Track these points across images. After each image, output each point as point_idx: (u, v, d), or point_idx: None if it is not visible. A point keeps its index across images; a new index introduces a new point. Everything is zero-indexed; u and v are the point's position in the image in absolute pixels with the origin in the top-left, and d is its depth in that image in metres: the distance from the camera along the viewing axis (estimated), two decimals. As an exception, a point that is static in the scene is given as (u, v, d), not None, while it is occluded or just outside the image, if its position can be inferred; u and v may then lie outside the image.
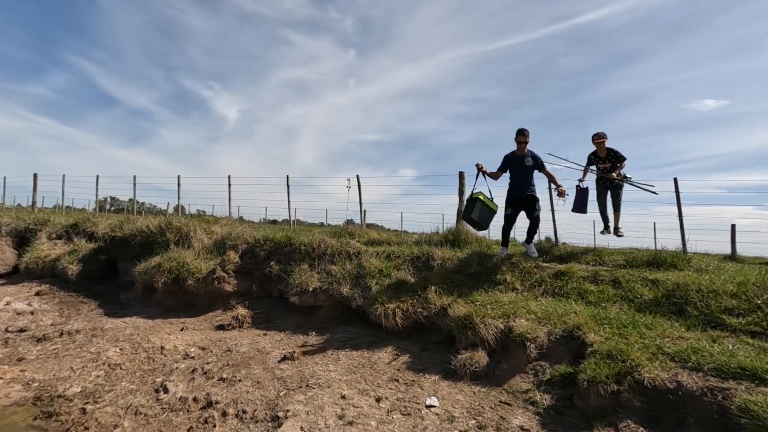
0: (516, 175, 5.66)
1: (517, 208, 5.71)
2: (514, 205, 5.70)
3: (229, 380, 4.57)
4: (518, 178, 5.63)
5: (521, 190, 5.63)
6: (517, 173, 5.65)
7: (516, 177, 5.66)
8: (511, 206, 5.70)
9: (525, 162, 5.59)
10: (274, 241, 7.30)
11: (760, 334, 3.76)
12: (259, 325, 6.24)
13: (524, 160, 5.60)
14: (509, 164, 5.68)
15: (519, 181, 5.63)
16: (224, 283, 6.92)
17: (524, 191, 5.62)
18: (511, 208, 5.70)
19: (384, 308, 5.34)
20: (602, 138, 6.21)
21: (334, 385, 4.22)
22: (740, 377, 3.05)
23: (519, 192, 5.64)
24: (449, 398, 3.89)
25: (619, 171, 6.25)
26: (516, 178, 5.66)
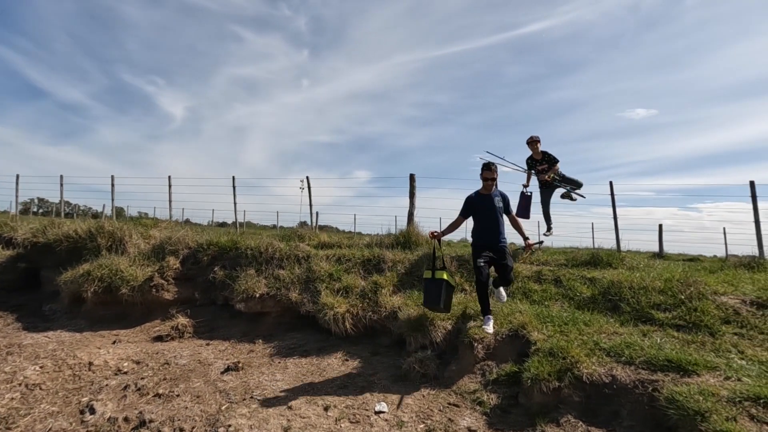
0: (484, 221, 4.52)
1: (487, 259, 4.42)
2: (484, 254, 4.42)
3: (166, 396, 4.25)
4: (487, 225, 4.50)
5: (492, 239, 4.46)
6: (485, 219, 4.52)
7: (484, 223, 4.52)
8: (481, 257, 4.38)
9: (494, 203, 4.48)
10: (218, 246, 6.95)
11: (684, 328, 4.05)
12: (202, 335, 5.90)
13: (493, 201, 4.49)
14: (474, 208, 4.57)
15: (488, 228, 4.49)
16: (163, 290, 6.48)
17: (496, 240, 4.45)
18: (483, 259, 4.36)
19: (334, 313, 5.22)
20: (536, 141, 6.62)
21: (280, 395, 4.04)
22: (667, 369, 3.25)
23: (490, 241, 4.46)
24: (399, 402, 3.85)
25: (551, 174, 6.62)
26: (484, 225, 4.52)
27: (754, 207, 7.05)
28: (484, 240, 4.49)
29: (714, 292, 4.50)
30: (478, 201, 4.54)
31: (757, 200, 7.01)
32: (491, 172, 4.48)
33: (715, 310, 4.18)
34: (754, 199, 7.03)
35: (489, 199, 4.50)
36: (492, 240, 4.46)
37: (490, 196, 4.51)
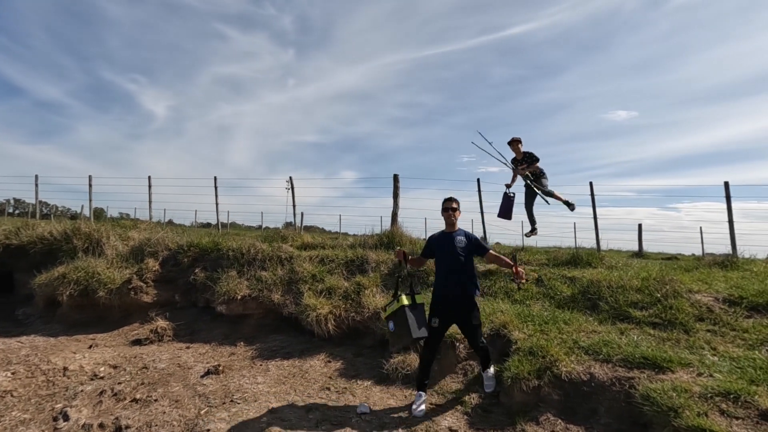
0: (443, 264, 3.74)
1: (447, 317, 3.68)
2: (442, 310, 3.66)
3: (144, 401, 4.16)
4: (447, 269, 3.70)
5: (452, 290, 3.65)
6: (445, 262, 3.73)
7: (443, 268, 3.74)
8: (438, 314, 3.65)
9: (455, 243, 3.70)
10: (199, 247, 6.84)
11: (660, 325, 4.14)
12: (182, 338, 5.80)
13: (454, 240, 3.71)
14: (433, 248, 3.86)
15: (448, 274, 3.69)
16: (142, 293, 6.35)
17: (456, 288, 3.64)
18: (439, 317, 3.64)
19: (316, 314, 5.19)
20: (518, 141, 6.65)
21: (261, 399, 4.00)
22: (643, 366, 3.31)
23: (449, 290, 3.66)
24: (381, 404, 3.85)
25: (528, 170, 6.62)
26: (443, 269, 3.74)
27: (728, 207, 7.26)
28: (442, 290, 3.69)
29: (689, 291, 4.61)
30: (438, 240, 3.81)
31: (731, 200, 7.22)
32: (450, 202, 3.82)
33: (689, 307, 4.29)
34: (728, 200, 7.23)
35: (449, 238, 3.73)
36: (453, 290, 3.63)
37: (451, 235, 3.75)
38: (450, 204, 3.83)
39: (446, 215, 3.82)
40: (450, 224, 3.82)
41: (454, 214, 3.81)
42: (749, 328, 3.86)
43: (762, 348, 3.51)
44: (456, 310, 3.66)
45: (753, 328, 3.86)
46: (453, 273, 3.67)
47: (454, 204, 3.84)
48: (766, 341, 3.61)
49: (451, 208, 3.80)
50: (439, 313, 3.66)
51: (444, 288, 3.70)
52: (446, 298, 3.67)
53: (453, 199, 3.86)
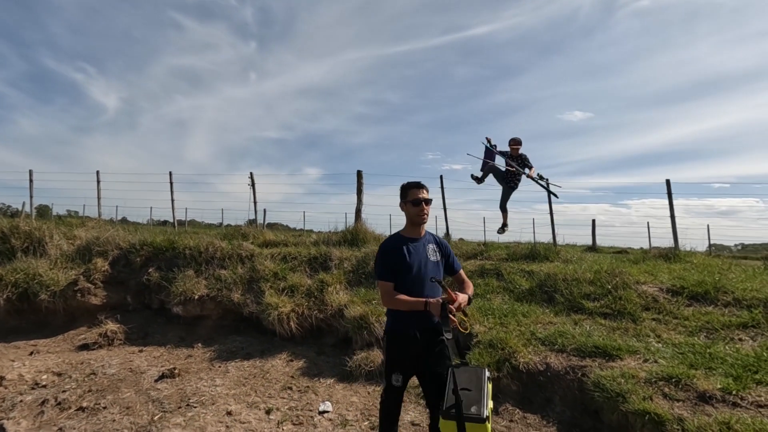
0: (416, 286, 2.38)
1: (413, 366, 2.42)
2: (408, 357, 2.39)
3: (91, 409, 3.91)
4: (421, 293, 2.36)
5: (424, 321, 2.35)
6: (417, 283, 2.39)
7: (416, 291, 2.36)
8: (401, 366, 2.40)
9: (428, 254, 2.47)
10: (153, 246, 6.51)
11: (610, 315, 4.35)
12: (134, 342, 5.51)
13: (426, 250, 2.48)
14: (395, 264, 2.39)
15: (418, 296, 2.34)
16: (90, 295, 5.97)
17: (429, 322, 2.36)
18: (402, 370, 2.40)
19: (278, 313, 5.08)
20: (518, 144, 6.70)
21: (219, 401, 3.87)
22: (595, 355, 3.47)
23: (418, 325, 2.36)
24: (344, 401, 3.82)
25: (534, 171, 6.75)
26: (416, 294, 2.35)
27: (669, 203, 7.73)
28: (406, 323, 2.36)
29: (636, 282, 4.87)
30: (402, 253, 2.38)
31: (673, 197, 7.70)
32: (420, 189, 2.44)
33: (636, 298, 4.53)
34: (669, 196, 7.71)
35: (418, 247, 2.44)
36: (424, 325, 2.35)
37: (420, 243, 2.47)
38: (421, 192, 2.43)
39: (416, 211, 2.41)
40: (418, 224, 2.47)
41: (426, 209, 2.43)
42: (690, 316, 4.13)
43: (701, 334, 3.77)
44: (427, 353, 2.35)
45: (693, 316, 4.13)
46: (427, 296, 2.32)
47: (425, 192, 2.45)
48: (704, 328, 3.87)
49: (424, 200, 2.41)
50: (403, 364, 2.38)
51: (407, 322, 2.35)
52: (410, 339, 2.34)
53: (424, 186, 2.47)
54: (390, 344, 2.48)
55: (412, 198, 2.44)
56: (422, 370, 2.43)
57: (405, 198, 2.48)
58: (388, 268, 2.41)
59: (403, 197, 2.49)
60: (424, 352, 2.39)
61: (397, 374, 2.43)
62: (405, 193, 2.49)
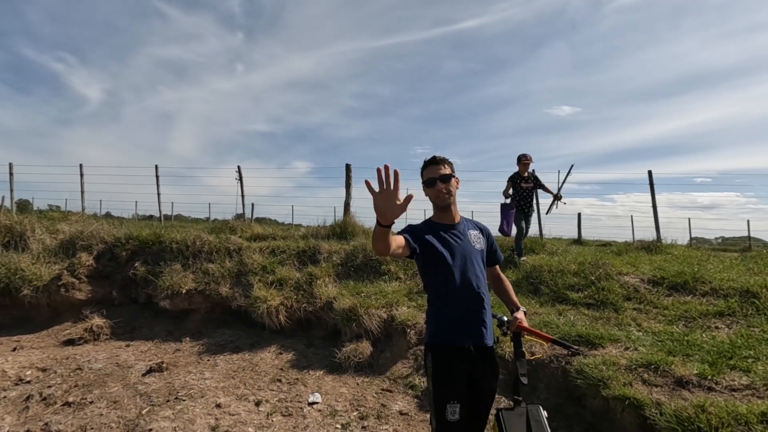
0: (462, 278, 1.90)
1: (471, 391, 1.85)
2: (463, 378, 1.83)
3: (77, 404, 3.88)
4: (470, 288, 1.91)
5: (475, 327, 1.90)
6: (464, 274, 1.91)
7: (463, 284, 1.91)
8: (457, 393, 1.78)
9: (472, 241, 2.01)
10: (139, 240, 6.43)
11: (593, 305, 4.46)
12: (121, 336, 5.46)
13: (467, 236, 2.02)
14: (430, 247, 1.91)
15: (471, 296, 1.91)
16: (74, 290, 5.88)
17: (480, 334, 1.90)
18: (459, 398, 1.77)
19: (267, 306, 5.08)
20: (529, 160, 6.10)
21: (208, 394, 3.87)
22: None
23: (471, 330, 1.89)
24: (333, 392, 3.86)
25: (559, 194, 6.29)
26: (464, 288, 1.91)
27: (651, 194, 7.92)
28: (456, 331, 1.87)
29: (619, 273, 4.99)
30: (441, 238, 1.94)
31: (655, 189, 7.87)
32: (439, 165, 1.96)
33: (619, 288, 4.65)
34: (651, 188, 7.88)
35: (458, 233, 1.98)
36: (475, 330, 1.88)
37: (459, 229, 2.00)
38: (435, 170, 1.95)
39: (433, 192, 1.95)
40: (445, 207, 1.98)
41: (444, 187, 1.93)
42: (669, 306, 4.26)
43: (679, 323, 3.89)
44: (481, 372, 1.86)
45: (672, 305, 4.26)
46: (478, 299, 1.88)
47: (442, 167, 1.95)
48: (682, 317, 4.00)
49: (440, 177, 1.92)
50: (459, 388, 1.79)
51: (466, 330, 1.86)
52: (467, 354, 1.84)
53: (440, 161, 1.97)
54: (437, 361, 1.81)
55: (425, 178, 1.98)
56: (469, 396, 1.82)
57: (422, 180, 2.01)
58: (408, 234, 1.85)
59: (422, 179, 2.02)
60: (476, 379, 1.82)
61: (453, 404, 1.74)
62: (421, 175, 2.02)
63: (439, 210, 2.01)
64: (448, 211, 1.99)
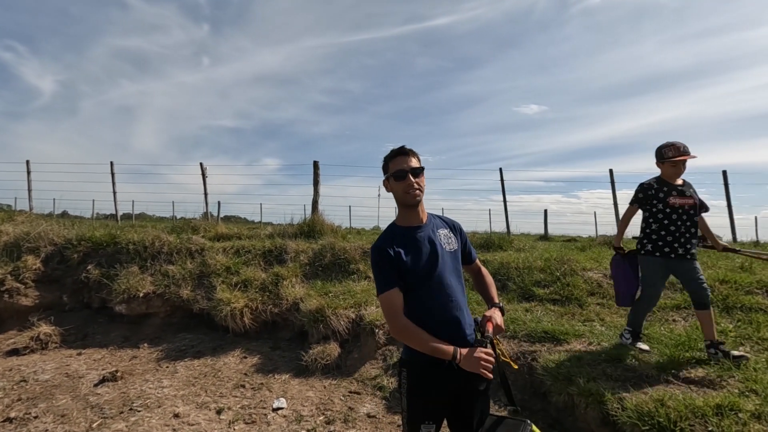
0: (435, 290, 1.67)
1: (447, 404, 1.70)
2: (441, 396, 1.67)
3: (20, 419, 3.59)
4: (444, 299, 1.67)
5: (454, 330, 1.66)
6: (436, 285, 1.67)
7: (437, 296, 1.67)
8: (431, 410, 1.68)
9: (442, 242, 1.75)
10: (92, 241, 6.06)
11: (559, 301, 4.53)
12: (72, 344, 5.12)
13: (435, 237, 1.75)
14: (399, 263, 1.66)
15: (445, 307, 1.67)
16: (19, 295, 5.48)
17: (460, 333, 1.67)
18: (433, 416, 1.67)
19: (231, 308, 4.89)
20: (687, 154, 3.08)
21: (166, 403, 3.68)
22: (544, 340, 3.60)
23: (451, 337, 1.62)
24: (299, 397, 3.74)
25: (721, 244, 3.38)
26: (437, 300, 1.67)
27: (612, 191, 8.19)
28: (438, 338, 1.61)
29: (583, 269, 5.10)
30: (408, 246, 1.70)
31: (616, 186, 8.14)
32: (406, 156, 1.73)
33: (583, 284, 4.75)
34: (612, 185, 8.16)
35: (427, 236, 1.74)
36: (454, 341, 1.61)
37: (427, 230, 1.77)
38: (405, 161, 1.72)
39: (401, 186, 1.71)
40: (412, 206, 1.75)
41: (416, 182, 1.70)
42: (630, 300, 4.37)
43: (639, 316, 4.00)
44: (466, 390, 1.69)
45: (633, 299, 4.38)
46: (455, 306, 1.69)
47: (412, 160, 1.73)
48: (642, 310, 4.11)
49: (411, 170, 1.70)
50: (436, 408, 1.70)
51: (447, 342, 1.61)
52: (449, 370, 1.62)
53: (409, 152, 1.75)
54: (413, 380, 1.70)
55: (393, 170, 1.72)
56: (454, 414, 1.73)
57: (387, 172, 1.77)
58: (388, 272, 1.66)
59: (385, 171, 1.79)
60: (463, 388, 1.69)
61: (428, 424, 1.68)
62: (386, 166, 1.78)
63: (406, 209, 1.78)
64: (415, 211, 1.77)
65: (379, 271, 1.69)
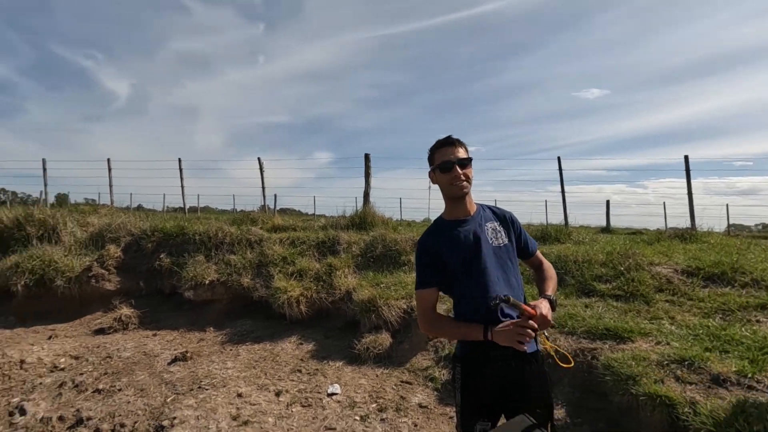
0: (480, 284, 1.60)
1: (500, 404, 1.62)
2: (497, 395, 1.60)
3: (107, 391, 4.02)
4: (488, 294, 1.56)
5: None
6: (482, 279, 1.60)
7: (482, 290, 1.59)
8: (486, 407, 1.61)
9: (488, 236, 1.68)
10: (163, 232, 6.58)
11: (622, 297, 4.26)
12: (148, 326, 5.62)
13: (484, 230, 1.68)
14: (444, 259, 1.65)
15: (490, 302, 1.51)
16: (104, 281, 6.08)
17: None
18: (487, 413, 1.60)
19: (287, 297, 5.10)
20: None
21: (230, 384, 3.93)
22: (605, 337, 3.41)
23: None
24: (352, 384, 3.84)
25: None
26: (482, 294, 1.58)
27: (687, 180, 7.51)
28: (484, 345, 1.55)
29: (650, 263, 4.76)
30: (451, 241, 1.66)
31: (691, 174, 7.46)
32: (452, 146, 1.66)
33: (650, 279, 4.43)
34: (687, 173, 7.48)
35: (471, 230, 1.67)
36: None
37: (473, 224, 1.69)
38: (451, 151, 1.65)
39: (448, 178, 1.64)
40: (459, 198, 1.68)
41: (463, 173, 1.63)
42: (705, 298, 4.03)
43: (716, 316, 3.67)
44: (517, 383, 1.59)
45: (708, 297, 4.03)
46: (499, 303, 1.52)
47: (459, 150, 1.66)
48: (720, 309, 3.77)
49: (458, 161, 1.63)
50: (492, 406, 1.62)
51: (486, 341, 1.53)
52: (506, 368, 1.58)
53: (455, 142, 1.68)
54: (467, 376, 1.63)
55: (439, 161, 1.65)
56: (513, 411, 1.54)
57: (433, 164, 1.71)
58: (428, 270, 1.66)
59: (431, 162, 1.72)
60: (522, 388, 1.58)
61: (484, 422, 1.58)
62: (431, 158, 1.72)
63: (452, 201, 1.71)
64: (462, 203, 1.70)
65: (417, 267, 1.73)
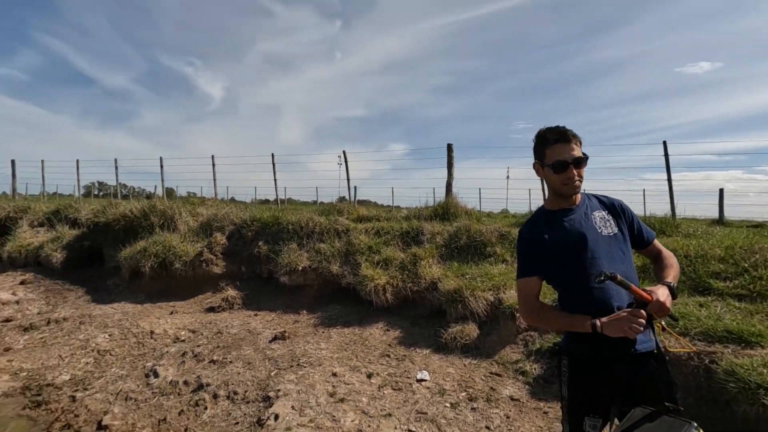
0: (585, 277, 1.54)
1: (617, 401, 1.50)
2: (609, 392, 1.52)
3: (220, 362, 4.54)
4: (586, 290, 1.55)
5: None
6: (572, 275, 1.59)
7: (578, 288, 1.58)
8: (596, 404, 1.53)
9: (597, 226, 1.62)
10: (260, 221, 7.19)
11: (746, 297, 3.78)
12: (249, 306, 6.20)
13: (592, 221, 1.63)
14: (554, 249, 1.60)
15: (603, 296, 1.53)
16: (212, 265, 6.82)
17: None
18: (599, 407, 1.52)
19: (374, 284, 5.30)
20: None
21: (325, 363, 4.21)
22: (726, 341, 3.06)
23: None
24: (440, 372, 3.90)
25: None
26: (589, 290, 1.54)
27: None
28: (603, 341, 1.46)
29: (782, 260, 4.14)
30: (554, 229, 1.62)
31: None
32: (566, 146, 1.56)
33: (782, 278, 3.86)
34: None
35: (578, 218, 1.63)
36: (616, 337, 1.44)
37: (579, 212, 1.65)
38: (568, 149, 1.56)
39: (560, 179, 1.60)
40: (568, 195, 1.64)
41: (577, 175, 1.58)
42: None
43: None
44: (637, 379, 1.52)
45: None
46: (611, 300, 1.53)
47: (575, 148, 1.58)
48: None
49: (573, 161, 1.56)
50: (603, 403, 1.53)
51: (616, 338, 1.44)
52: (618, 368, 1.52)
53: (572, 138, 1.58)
54: (574, 370, 1.58)
55: (552, 161, 1.56)
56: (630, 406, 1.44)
57: (542, 159, 1.61)
58: (530, 258, 1.62)
59: (540, 157, 1.63)
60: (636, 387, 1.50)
61: (594, 418, 1.50)
62: (541, 152, 1.61)
63: (559, 197, 1.66)
64: (570, 198, 1.66)
65: (519, 256, 1.71)
